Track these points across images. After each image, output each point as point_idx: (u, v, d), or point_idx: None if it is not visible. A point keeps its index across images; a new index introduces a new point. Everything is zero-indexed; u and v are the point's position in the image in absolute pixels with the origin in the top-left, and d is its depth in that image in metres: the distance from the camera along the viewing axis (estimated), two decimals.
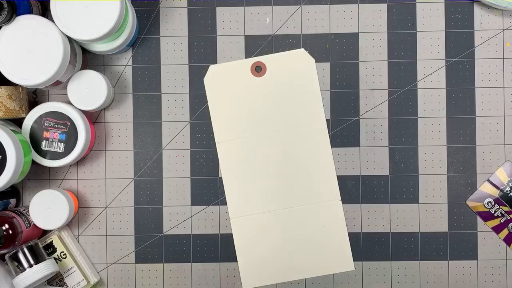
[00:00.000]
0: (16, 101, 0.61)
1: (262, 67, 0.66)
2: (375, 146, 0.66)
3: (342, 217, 0.65)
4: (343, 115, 0.66)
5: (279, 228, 0.65)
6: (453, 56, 0.66)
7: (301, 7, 0.66)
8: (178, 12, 0.66)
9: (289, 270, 0.65)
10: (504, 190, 0.66)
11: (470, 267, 0.66)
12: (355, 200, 0.66)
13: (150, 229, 0.66)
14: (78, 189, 0.66)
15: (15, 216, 0.60)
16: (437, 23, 0.66)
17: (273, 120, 0.65)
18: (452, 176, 0.66)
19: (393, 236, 0.66)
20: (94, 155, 0.66)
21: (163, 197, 0.66)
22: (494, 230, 0.66)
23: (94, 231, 0.66)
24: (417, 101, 0.66)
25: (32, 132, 0.61)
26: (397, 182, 0.66)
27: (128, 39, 0.63)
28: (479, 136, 0.66)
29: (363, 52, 0.66)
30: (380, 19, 0.66)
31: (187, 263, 0.66)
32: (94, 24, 0.57)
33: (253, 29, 0.66)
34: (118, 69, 0.66)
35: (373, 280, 0.66)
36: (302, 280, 0.66)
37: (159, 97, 0.66)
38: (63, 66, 0.58)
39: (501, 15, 0.66)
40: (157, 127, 0.66)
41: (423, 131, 0.66)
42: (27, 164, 0.60)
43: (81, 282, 0.64)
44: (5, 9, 0.56)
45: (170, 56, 0.66)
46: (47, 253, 0.64)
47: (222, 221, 0.66)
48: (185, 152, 0.66)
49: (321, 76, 0.66)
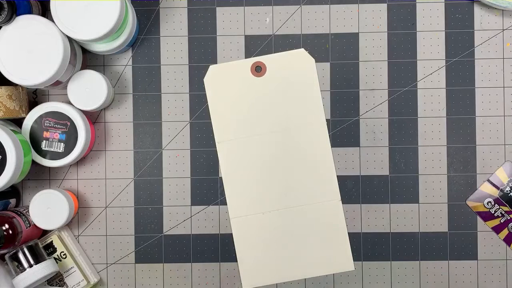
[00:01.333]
0: (16, 101, 0.61)
1: (262, 67, 0.66)
2: (375, 146, 0.66)
3: (342, 217, 0.65)
4: (343, 115, 0.66)
5: (279, 228, 0.65)
6: (453, 56, 0.66)
7: (301, 7, 0.66)
8: (178, 12, 0.66)
9: (289, 270, 0.65)
10: (504, 190, 0.66)
11: (470, 267, 0.66)
12: (355, 200, 0.66)
13: (150, 229, 0.66)
14: (78, 189, 0.66)
15: (15, 216, 0.60)
16: (437, 23, 0.66)
17: (273, 120, 0.65)
18: (452, 176, 0.66)
19: (393, 236, 0.66)
20: (94, 155, 0.66)
21: (163, 197, 0.66)
22: (494, 230, 0.66)
23: (94, 231, 0.66)
24: (417, 101, 0.66)
25: (32, 132, 0.61)
26: (397, 182, 0.66)
27: (128, 39, 0.63)
28: (479, 136, 0.66)
29: (363, 52, 0.66)
30: (380, 19, 0.66)
31: (187, 263, 0.66)
32: (94, 24, 0.57)
33: (253, 29, 0.66)
34: (118, 69, 0.66)
35: (373, 280, 0.66)
36: (302, 280, 0.66)
37: (159, 97, 0.66)
38: (63, 66, 0.58)
39: (501, 15, 0.66)
40: (157, 127, 0.66)
41: (423, 131, 0.66)
42: (27, 164, 0.60)
43: (81, 282, 0.64)
44: (5, 9, 0.56)
45: (170, 56, 0.66)
46: (47, 253, 0.64)
47: (222, 221, 0.66)
48: (185, 152, 0.66)
49: (321, 76, 0.66)
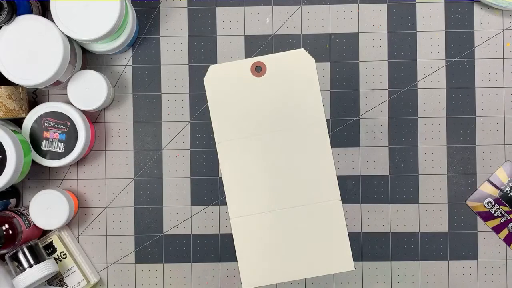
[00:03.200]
0: (16, 101, 0.61)
1: (262, 67, 0.66)
2: (375, 146, 0.66)
3: (342, 217, 0.65)
4: (343, 115, 0.66)
5: (279, 228, 0.65)
6: (453, 56, 0.66)
7: (301, 7, 0.66)
8: (178, 12, 0.66)
9: (289, 270, 0.65)
10: (504, 190, 0.66)
11: (470, 267, 0.66)
12: (355, 200, 0.66)
13: (150, 229, 0.66)
14: (78, 189, 0.66)
15: (15, 216, 0.60)
16: (437, 23, 0.66)
17: (273, 120, 0.65)
18: (452, 176, 0.66)
19: (393, 236, 0.66)
20: (94, 155, 0.66)
21: (163, 197, 0.66)
22: (494, 230, 0.66)
23: (94, 231, 0.66)
24: (417, 101, 0.66)
25: (32, 132, 0.61)
26: (397, 182, 0.66)
27: (128, 39, 0.63)
28: (479, 136, 0.66)
29: (363, 52, 0.66)
30: (380, 19, 0.66)
31: (187, 263, 0.66)
32: (94, 24, 0.57)
33: (253, 29, 0.66)
34: (118, 69, 0.66)
35: (373, 280, 0.66)
36: (302, 280, 0.66)
37: (159, 97, 0.66)
38: (63, 66, 0.58)
39: (501, 15, 0.66)
40: (157, 127, 0.66)
41: (423, 131, 0.66)
42: (27, 164, 0.60)
43: (81, 282, 0.64)
44: (5, 9, 0.56)
45: (170, 56, 0.66)
46: (47, 253, 0.64)
47: (222, 221, 0.66)
48: (185, 152, 0.66)
49: (321, 76, 0.66)
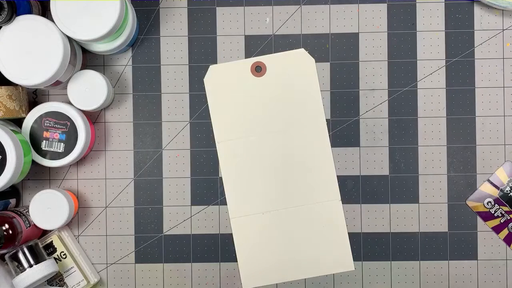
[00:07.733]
0: (16, 101, 0.61)
1: (262, 67, 0.66)
2: (375, 146, 0.66)
3: (342, 217, 0.65)
4: (343, 115, 0.66)
5: (279, 228, 0.65)
6: (453, 56, 0.66)
7: (301, 7, 0.66)
8: (178, 12, 0.66)
9: (289, 270, 0.65)
10: (504, 190, 0.66)
11: (470, 267, 0.66)
12: (355, 200, 0.66)
13: (150, 229, 0.66)
14: (78, 189, 0.66)
15: (15, 216, 0.60)
16: (437, 23, 0.66)
17: (273, 120, 0.65)
18: (452, 176, 0.66)
19: (393, 236, 0.66)
20: (94, 155, 0.66)
21: (163, 197, 0.66)
22: (494, 230, 0.66)
23: (94, 231, 0.66)
24: (417, 101, 0.66)
25: (32, 132, 0.61)
26: (397, 182, 0.66)
27: (128, 39, 0.63)
28: (479, 136, 0.66)
29: (363, 52, 0.66)
30: (380, 19, 0.66)
31: (187, 263, 0.66)
32: (94, 24, 0.57)
33: (253, 29, 0.66)
34: (118, 69, 0.66)
35: (373, 280, 0.66)
36: (302, 280, 0.66)
37: (159, 97, 0.66)
38: (63, 66, 0.58)
39: (501, 15, 0.66)
40: (157, 127, 0.66)
41: (423, 131, 0.66)
42: (27, 164, 0.60)
43: (81, 282, 0.64)
44: (5, 9, 0.56)
45: (170, 56, 0.66)
46: (47, 253, 0.64)
47: (222, 221, 0.66)
48: (185, 152, 0.66)
49: (321, 76, 0.66)
